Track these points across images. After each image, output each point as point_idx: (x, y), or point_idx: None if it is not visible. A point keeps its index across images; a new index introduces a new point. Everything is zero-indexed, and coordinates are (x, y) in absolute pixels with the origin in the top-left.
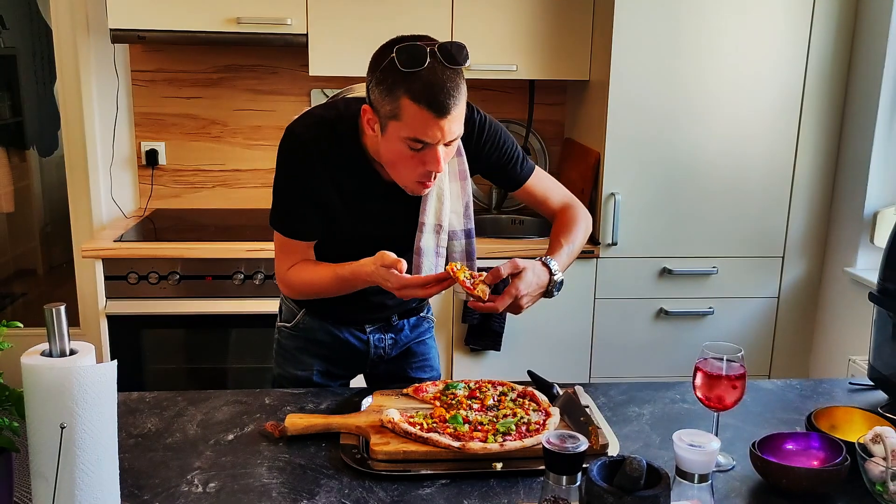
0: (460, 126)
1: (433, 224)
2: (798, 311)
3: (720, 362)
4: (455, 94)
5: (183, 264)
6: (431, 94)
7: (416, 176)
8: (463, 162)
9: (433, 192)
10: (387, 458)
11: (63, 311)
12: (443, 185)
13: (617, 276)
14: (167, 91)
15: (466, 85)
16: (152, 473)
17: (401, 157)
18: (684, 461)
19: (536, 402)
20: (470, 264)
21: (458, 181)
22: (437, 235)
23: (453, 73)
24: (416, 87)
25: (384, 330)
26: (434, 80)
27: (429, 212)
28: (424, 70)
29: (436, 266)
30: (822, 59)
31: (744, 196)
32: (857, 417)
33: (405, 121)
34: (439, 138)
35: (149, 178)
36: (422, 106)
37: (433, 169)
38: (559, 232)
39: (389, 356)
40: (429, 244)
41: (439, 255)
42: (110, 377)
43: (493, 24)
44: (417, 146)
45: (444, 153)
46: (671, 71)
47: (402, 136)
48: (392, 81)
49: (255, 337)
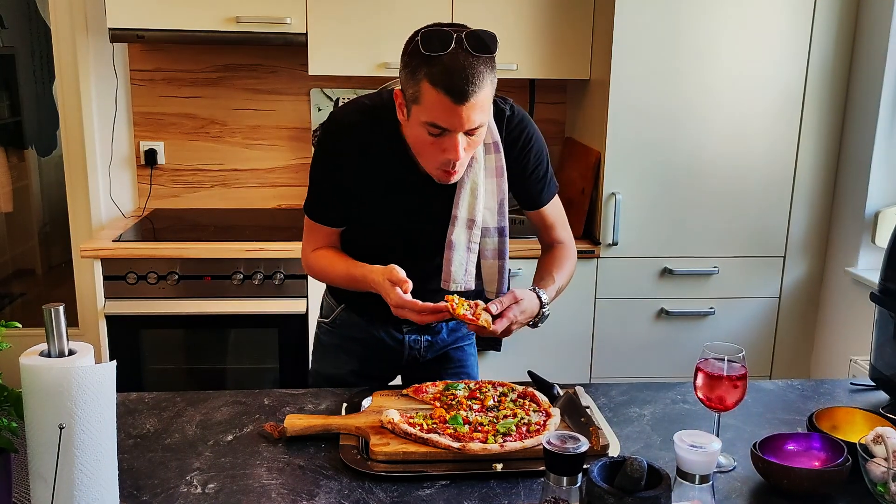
0: (482, 115)
1: (465, 219)
2: (799, 311)
3: (721, 363)
4: (475, 82)
5: (182, 264)
6: (450, 80)
7: (437, 163)
8: (501, 159)
9: (467, 186)
10: (386, 458)
11: (62, 311)
12: (478, 179)
13: (618, 276)
14: (166, 90)
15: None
16: (151, 474)
17: (422, 142)
18: (685, 462)
19: (537, 403)
20: (501, 263)
21: (495, 178)
22: (469, 231)
23: (477, 61)
24: (436, 71)
25: (421, 331)
26: (455, 65)
27: (461, 206)
28: (447, 55)
29: (466, 261)
30: (823, 59)
31: (745, 196)
32: (858, 418)
33: (424, 105)
34: (457, 125)
35: (147, 178)
36: (440, 90)
37: (451, 157)
38: (552, 266)
39: (425, 359)
40: (460, 239)
41: (471, 251)
42: (109, 377)
43: (493, 24)
44: (436, 132)
45: (464, 142)
46: (672, 70)
47: (422, 121)
48: (415, 64)
49: (254, 337)
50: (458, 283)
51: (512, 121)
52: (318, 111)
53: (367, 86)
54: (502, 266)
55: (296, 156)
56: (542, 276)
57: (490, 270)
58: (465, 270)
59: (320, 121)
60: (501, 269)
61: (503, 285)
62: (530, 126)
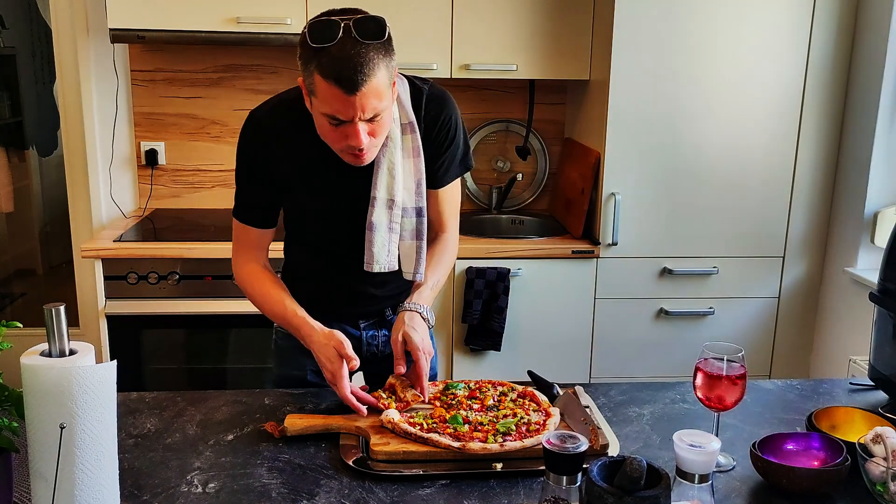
0: (378, 102)
1: (385, 199)
2: (798, 311)
3: (720, 362)
4: (365, 70)
5: (182, 264)
6: (339, 70)
7: (343, 148)
8: (417, 139)
9: (384, 167)
10: (387, 458)
11: (62, 311)
12: (394, 159)
13: (617, 276)
14: (167, 91)
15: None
16: (152, 473)
17: (325, 131)
18: (685, 461)
19: (536, 403)
20: (419, 244)
21: (412, 158)
22: (390, 211)
23: (366, 48)
24: (325, 62)
25: (378, 326)
26: (342, 55)
27: (380, 186)
28: (334, 46)
29: (388, 242)
30: (823, 59)
31: (744, 196)
32: (857, 418)
33: (319, 97)
34: (352, 115)
35: (148, 178)
36: (330, 82)
37: (354, 144)
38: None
39: (383, 353)
40: (381, 219)
41: (392, 231)
42: (110, 377)
43: (493, 24)
44: (335, 122)
45: (366, 128)
46: (672, 71)
47: (321, 112)
48: (307, 56)
49: (254, 337)
50: (381, 263)
51: (431, 101)
52: None
53: None
54: (420, 246)
55: None
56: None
57: (408, 251)
58: (388, 251)
59: None
60: (419, 249)
61: (419, 265)
62: (449, 105)
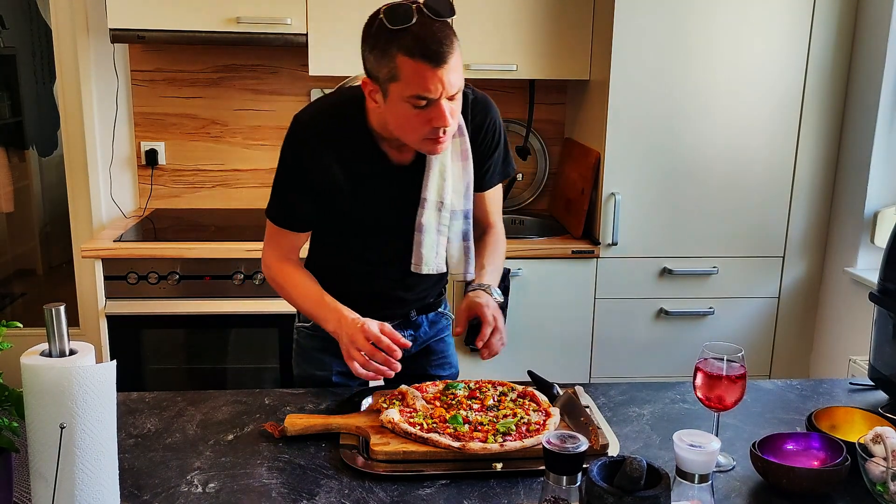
0: (459, 77)
1: (435, 201)
2: (798, 311)
3: (720, 362)
4: (448, 44)
5: (182, 264)
6: (425, 45)
7: (426, 134)
8: (465, 142)
9: (435, 169)
10: (387, 458)
11: (62, 311)
12: (446, 162)
13: (617, 276)
14: (167, 91)
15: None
16: (152, 473)
17: (407, 118)
18: (684, 461)
19: (536, 403)
20: (466, 245)
21: (461, 161)
22: (439, 213)
23: (443, 25)
24: (408, 41)
25: (403, 327)
26: (425, 32)
27: (431, 188)
28: (414, 25)
29: (437, 244)
30: (823, 59)
31: (744, 196)
32: (857, 418)
33: (404, 79)
34: (441, 90)
35: (148, 178)
36: (417, 59)
37: (440, 124)
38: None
39: (409, 354)
40: (430, 221)
41: (440, 233)
42: (110, 377)
43: (493, 24)
44: (421, 103)
45: (448, 108)
46: (672, 71)
47: (405, 96)
48: (385, 43)
49: (254, 337)
50: (430, 265)
51: (476, 104)
52: None
53: None
54: (468, 247)
55: None
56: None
57: (457, 253)
58: (436, 253)
59: None
60: (467, 250)
61: (469, 266)
62: (493, 109)
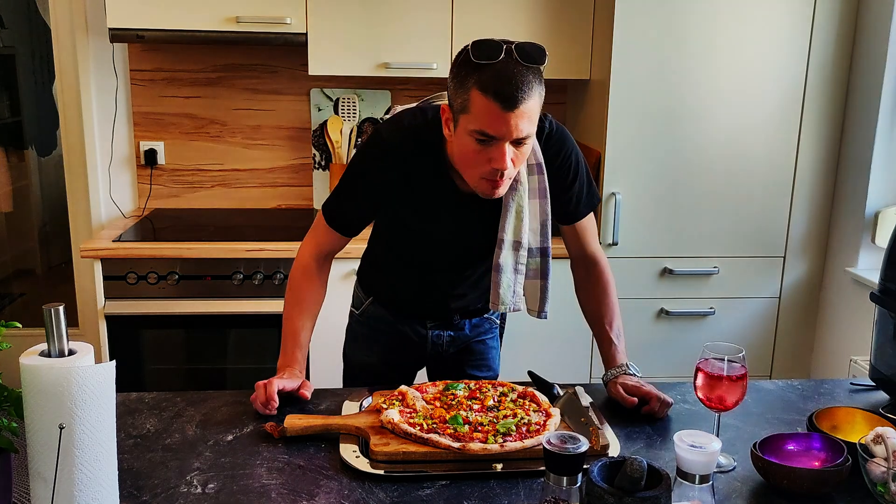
0: (530, 125)
1: (511, 241)
2: (799, 311)
3: (721, 363)
4: (525, 89)
5: (182, 264)
6: (499, 85)
7: (483, 174)
8: (544, 180)
9: (512, 209)
10: (386, 458)
11: (62, 311)
12: (522, 202)
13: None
14: (166, 90)
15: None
16: (151, 474)
17: (468, 152)
18: (685, 462)
19: (537, 403)
20: (543, 283)
21: (538, 199)
22: (516, 252)
23: (526, 70)
24: (486, 77)
25: (444, 327)
26: (504, 72)
27: (507, 229)
28: (497, 63)
29: (514, 283)
30: (823, 59)
31: (745, 196)
32: (858, 418)
33: (473, 112)
34: (505, 133)
35: (147, 178)
36: (489, 97)
37: (498, 166)
38: (602, 321)
39: (448, 353)
40: (507, 261)
41: (518, 273)
42: (109, 377)
43: (493, 24)
44: (483, 139)
45: (511, 152)
46: (672, 70)
47: (470, 129)
48: (465, 74)
49: (254, 337)
50: (507, 304)
51: (551, 137)
52: (317, 111)
53: (368, 86)
54: (544, 286)
55: (296, 156)
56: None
57: (533, 290)
58: (514, 292)
59: (320, 121)
60: (544, 288)
61: (545, 303)
62: (569, 141)
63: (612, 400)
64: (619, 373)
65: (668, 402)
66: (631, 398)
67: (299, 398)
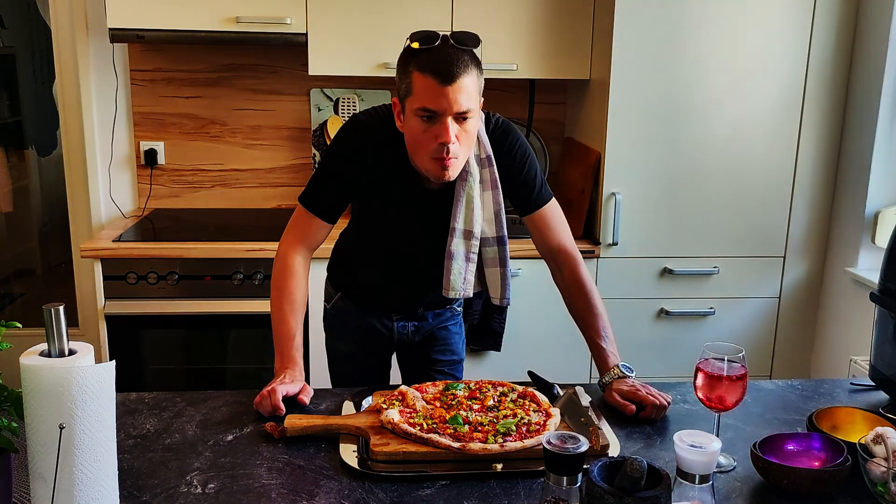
0: (469, 100)
1: (462, 230)
2: (799, 311)
3: (721, 363)
4: (460, 65)
5: (182, 264)
6: (436, 63)
7: (431, 152)
8: (493, 172)
9: (462, 199)
10: (386, 458)
11: (62, 311)
12: (473, 192)
13: (617, 276)
14: (166, 90)
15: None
16: (151, 474)
17: (416, 133)
18: (685, 462)
19: (537, 403)
20: (503, 270)
21: (490, 190)
22: (468, 241)
23: (461, 52)
24: (423, 59)
25: (408, 318)
26: (441, 53)
27: (458, 218)
28: (434, 47)
29: (465, 270)
30: (823, 59)
31: (745, 196)
32: (858, 418)
33: (415, 93)
34: (445, 107)
35: (147, 178)
36: (427, 74)
37: (443, 140)
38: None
39: (413, 341)
40: (459, 249)
41: (469, 261)
42: (109, 377)
43: (493, 24)
44: (426, 115)
45: (455, 128)
46: (672, 70)
47: (414, 109)
48: (405, 61)
49: (254, 337)
50: (457, 290)
51: (497, 130)
52: (318, 111)
53: (368, 86)
54: (504, 273)
55: (296, 156)
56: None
57: (493, 277)
58: (464, 279)
59: (320, 121)
60: (504, 276)
61: (506, 290)
62: (513, 133)
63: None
64: (613, 377)
65: (666, 403)
66: (629, 406)
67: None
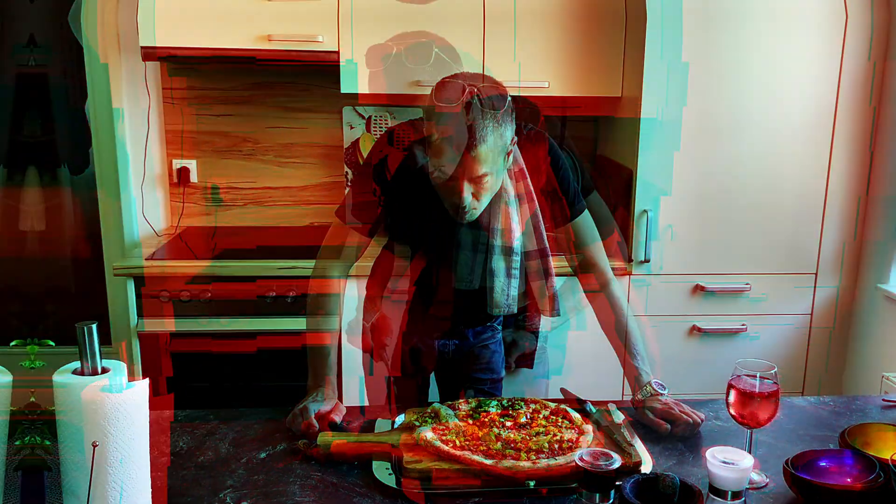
0: (485, 166)
1: (500, 246)
2: (831, 327)
3: (754, 380)
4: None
5: (214, 282)
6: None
7: (449, 202)
8: (528, 184)
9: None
10: (419, 476)
11: (94, 329)
12: (510, 210)
13: (650, 293)
14: (198, 109)
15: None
16: (185, 492)
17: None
18: (717, 478)
19: (569, 420)
20: (549, 281)
21: (526, 202)
22: (508, 258)
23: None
24: (443, 121)
25: (449, 336)
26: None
27: (497, 236)
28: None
29: (508, 287)
30: (855, 76)
31: (777, 212)
32: (890, 434)
33: (433, 150)
34: (460, 173)
35: (180, 196)
36: (443, 140)
37: (456, 201)
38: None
39: (453, 359)
40: (499, 266)
41: (511, 277)
42: (142, 395)
43: (525, 42)
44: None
45: (470, 188)
46: (703, 88)
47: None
48: (429, 111)
49: (287, 355)
50: (501, 307)
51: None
52: (350, 129)
53: (399, 104)
54: (550, 285)
55: (328, 174)
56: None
57: (539, 291)
58: (507, 296)
59: (353, 139)
60: (550, 288)
61: (555, 302)
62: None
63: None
64: (646, 395)
65: (699, 421)
66: (663, 424)
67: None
